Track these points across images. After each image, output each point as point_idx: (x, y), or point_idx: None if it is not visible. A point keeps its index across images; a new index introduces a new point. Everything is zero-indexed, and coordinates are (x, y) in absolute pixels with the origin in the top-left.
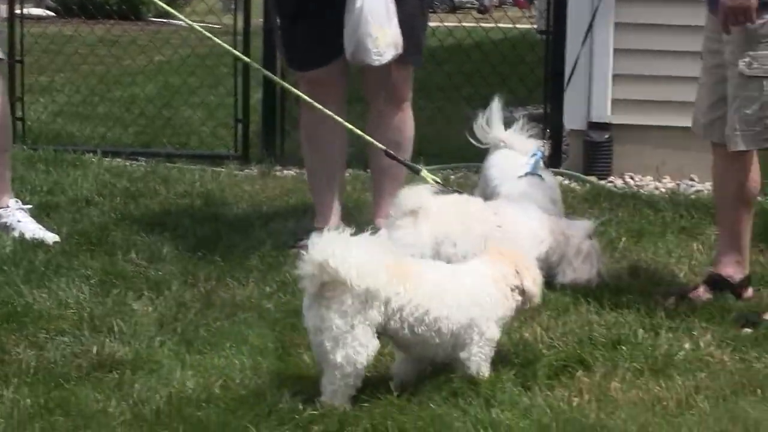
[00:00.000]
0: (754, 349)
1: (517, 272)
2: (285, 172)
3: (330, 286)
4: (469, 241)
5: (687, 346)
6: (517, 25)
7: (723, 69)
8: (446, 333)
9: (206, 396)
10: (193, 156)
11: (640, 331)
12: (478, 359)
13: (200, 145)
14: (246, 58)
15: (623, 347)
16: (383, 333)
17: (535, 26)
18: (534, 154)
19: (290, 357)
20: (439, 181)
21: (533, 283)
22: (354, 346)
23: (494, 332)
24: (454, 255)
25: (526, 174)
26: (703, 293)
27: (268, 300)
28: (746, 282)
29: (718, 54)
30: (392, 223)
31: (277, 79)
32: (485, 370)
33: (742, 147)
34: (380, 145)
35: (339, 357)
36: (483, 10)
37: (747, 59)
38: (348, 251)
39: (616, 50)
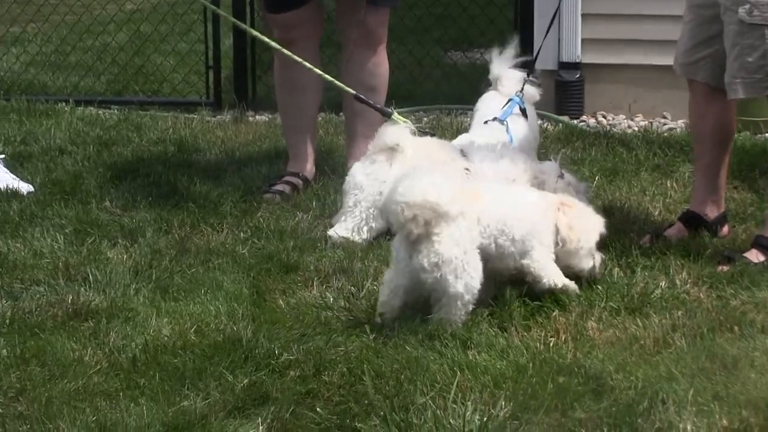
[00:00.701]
0: (731, 286)
1: (559, 209)
2: (258, 117)
3: (432, 223)
4: None
5: (663, 284)
6: None
7: (708, 9)
8: (518, 239)
9: (182, 343)
10: (166, 103)
11: (616, 270)
12: (542, 264)
13: (172, 92)
14: (214, 7)
15: (599, 286)
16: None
17: None
18: (510, 100)
19: (265, 302)
20: (410, 124)
21: (567, 226)
22: (470, 272)
23: (551, 241)
24: None
25: (493, 119)
26: (678, 231)
27: (243, 245)
28: (722, 219)
29: None
30: (369, 157)
31: (246, 27)
32: (553, 277)
33: (742, 95)
34: (350, 90)
35: (460, 286)
36: None
37: (747, 6)
38: (434, 185)
39: None
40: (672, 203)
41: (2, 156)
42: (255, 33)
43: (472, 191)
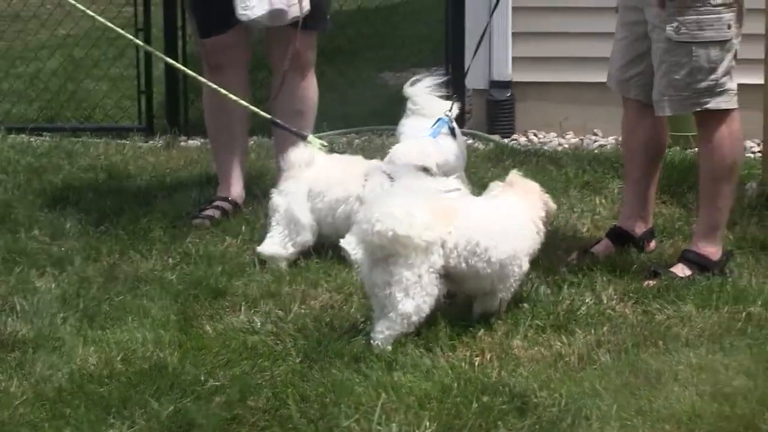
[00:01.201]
0: (656, 301)
1: (543, 202)
2: (189, 142)
3: (396, 252)
4: (335, 198)
5: (589, 300)
6: None
7: (640, 26)
8: (495, 262)
9: (108, 371)
10: (98, 129)
11: (543, 288)
12: (510, 293)
13: (105, 118)
14: (144, 45)
15: (525, 304)
16: (445, 273)
17: None
18: (439, 119)
19: (192, 328)
20: (325, 145)
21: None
22: (422, 296)
23: (527, 267)
24: (321, 209)
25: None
26: (605, 247)
27: (171, 272)
28: (649, 235)
29: (636, 10)
30: (284, 176)
31: (165, 57)
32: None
33: (668, 112)
34: (266, 114)
35: (409, 307)
36: None
37: (675, 24)
38: (408, 214)
39: (514, 8)
40: (600, 220)
41: None
42: (179, 66)
43: (446, 211)
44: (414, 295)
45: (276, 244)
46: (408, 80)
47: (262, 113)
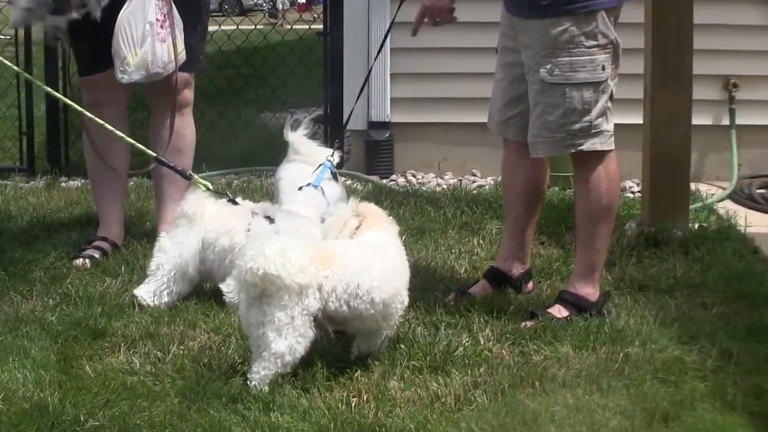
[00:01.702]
0: (533, 342)
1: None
2: (71, 182)
3: (269, 291)
4: (223, 248)
5: (466, 341)
6: (295, 27)
7: (518, 68)
8: (378, 302)
9: None
10: None
11: (419, 329)
12: (393, 330)
13: None
14: (28, 75)
15: (402, 345)
16: (324, 315)
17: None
18: (321, 164)
19: (72, 369)
20: (210, 186)
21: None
22: (295, 337)
23: (407, 300)
24: (213, 260)
25: (307, 185)
26: (483, 288)
27: (52, 312)
28: (527, 276)
29: (514, 52)
30: (173, 223)
31: (50, 90)
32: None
33: (542, 154)
34: (150, 152)
35: (282, 346)
36: (274, 14)
37: (548, 66)
38: (282, 255)
39: (392, 49)
40: (478, 260)
41: None
42: (62, 97)
43: (325, 254)
44: (287, 336)
45: (151, 293)
46: (287, 121)
47: (147, 150)
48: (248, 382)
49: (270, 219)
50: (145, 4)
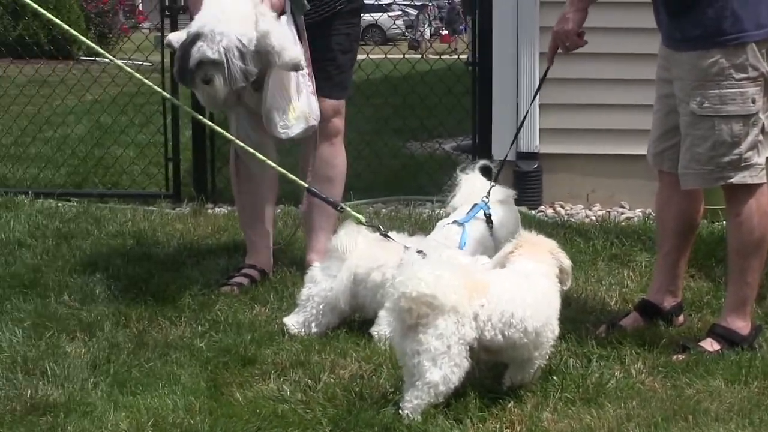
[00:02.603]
0: (685, 375)
1: (553, 255)
2: (217, 209)
3: (424, 314)
4: (375, 283)
5: (618, 374)
6: (443, 57)
7: (673, 99)
8: (531, 331)
9: None
10: (125, 195)
11: (572, 361)
12: (545, 360)
13: (132, 185)
14: (175, 100)
15: (554, 377)
16: (480, 344)
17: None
18: (475, 205)
19: (222, 395)
20: (362, 219)
21: (567, 258)
22: (450, 366)
23: (558, 330)
24: (365, 296)
25: (453, 222)
26: (634, 320)
27: (201, 339)
28: (678, 309)
29: (669, 83)
30: (327, 259)
31: (202, 118)
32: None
33: (692, 185)
34: (302, 182)
35: (437, 376)
36: (416, 45)
37: (698, 98)
38: (433, 276)
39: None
40: (628, 292)
41: None
42: (211, 124)
43: (478, 283)
44: (442, 365)
45: (300, 323)
46: (433, 149)
47: (298, 180)
48: (401, 411)
49: (422, 253)
50: None
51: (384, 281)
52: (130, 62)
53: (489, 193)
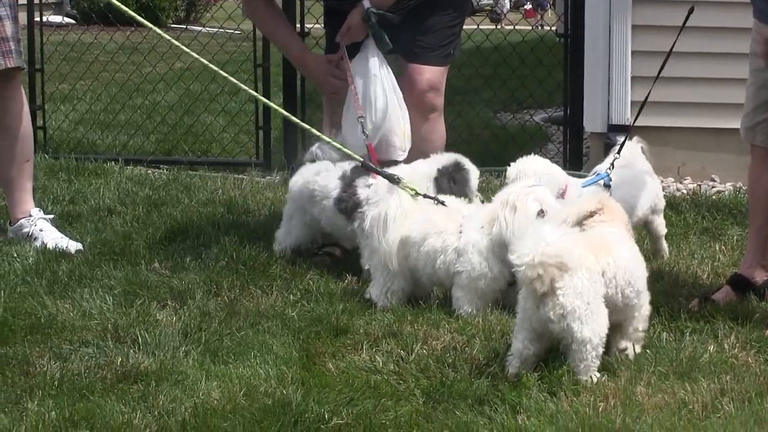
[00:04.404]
0: None
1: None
2: None
3: (556, 278)
4: (436, 247)
5: (711, 348)
6: (537, 28)
7: (766, 72)
8: (641, 291)
9: (232, 406)
10: (215, 163)
11: (664, 335)
12: (646, 326)
13: (222, 153)
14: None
15: (648, 351)
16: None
17: (554, 29)
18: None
19: (315, 366)
20: (417, 190)
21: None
22: (596, 319)
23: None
24: (416, 259)
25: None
26: (726, 294)
27: (292, 308)
28: None
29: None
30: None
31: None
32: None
33: None
34: (357, 157)
35: (587, 332)
36: (497, 18)
37: None
38: (555, 240)
39: (634, 52)
40: (720, 267)
41: (51, 216)
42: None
43: (602, 243)
44: (588, 321)
45: (377, 295)
46: (523, 120)
47: (354, 155)
48: (580, 377)
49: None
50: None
51: (445, 247)
52: (221, 30)
53: (612, 163)
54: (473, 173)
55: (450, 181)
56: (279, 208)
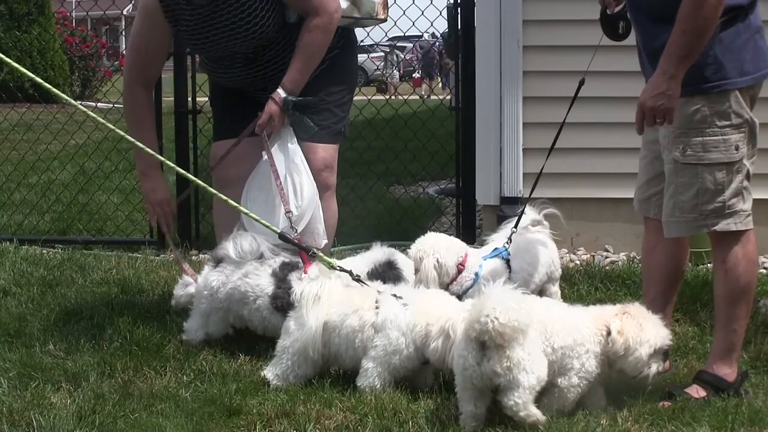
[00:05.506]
0: (671, 423)
1: (616, 316)
2: (201, 256)
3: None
4: (354, 327)
5: (604, 422)
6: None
7: (658, 145)
8: (557, 349)
9: None
10: (110, 242)
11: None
12: (571, 394)
13: (116, 231)
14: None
15: (540, 428)
16: None
17: (448, 98)
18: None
19: None
20: (334, 264)
21: (617, 329)
22: (538, 365)
23: (592, 365)
24: (338, 344)
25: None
26: None
27: (186, 389)
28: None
29: (655, 129)
30: (297, 305)
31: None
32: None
33: (675, 234)
34: (275, 228)
35: (533, 380)
36: (384, 89)
37: (681, 146)
38: (517, 305)
39: (525, 124)
40: None
41: None
42: (194, 179)
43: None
44: (533, 369)
45: (278, 376)
46: (416, 194)
47: (272, 227)
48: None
49: (397, 296)
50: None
51: (362, 325)
52: (118, 104)
53: (509, 240)
54: (406, 269)
55: (382, 281)
56: (172, 286)
